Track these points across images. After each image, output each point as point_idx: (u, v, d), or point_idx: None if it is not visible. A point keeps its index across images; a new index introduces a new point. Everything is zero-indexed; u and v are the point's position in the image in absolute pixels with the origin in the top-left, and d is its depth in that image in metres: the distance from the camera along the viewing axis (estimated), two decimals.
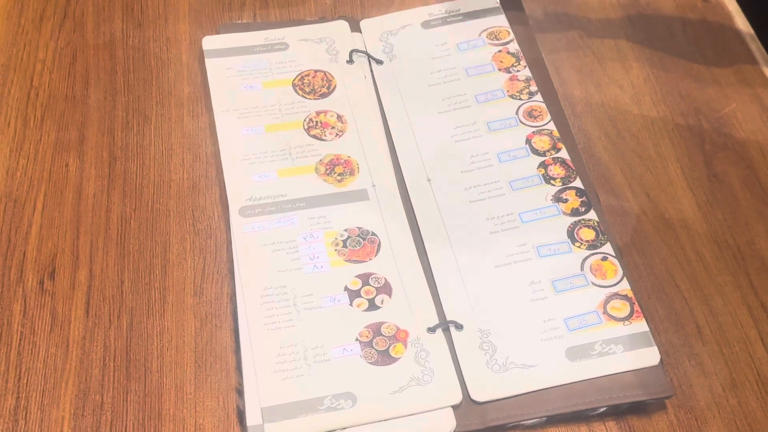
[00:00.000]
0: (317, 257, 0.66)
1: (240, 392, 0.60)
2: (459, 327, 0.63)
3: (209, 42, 0.80)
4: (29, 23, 0.82)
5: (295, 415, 0.58)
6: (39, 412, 0.59)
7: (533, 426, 0.60)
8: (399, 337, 0.62)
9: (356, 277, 0.65)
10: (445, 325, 0.63)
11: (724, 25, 0.85)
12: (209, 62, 0.78)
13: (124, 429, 0.58)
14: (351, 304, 0.64)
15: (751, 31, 0.85)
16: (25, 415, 0.58)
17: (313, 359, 0.61)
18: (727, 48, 0.83)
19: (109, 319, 0.63)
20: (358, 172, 0.71)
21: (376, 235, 0.68)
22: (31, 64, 0.78)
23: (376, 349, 0.61)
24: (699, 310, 0.66)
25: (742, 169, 0.74)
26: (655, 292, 0.67)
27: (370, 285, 0.65)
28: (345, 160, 0.72)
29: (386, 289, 0.65)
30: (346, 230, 0.68)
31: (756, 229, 0.70)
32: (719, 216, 0.71)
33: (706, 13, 0.86)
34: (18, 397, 0.59)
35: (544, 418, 0.59)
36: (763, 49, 0.83)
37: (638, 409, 0.61)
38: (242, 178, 0.70)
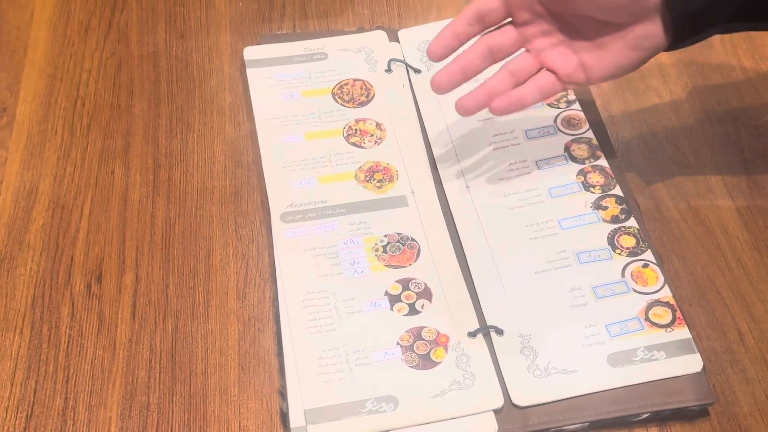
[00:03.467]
0: (358, 262, 0.67)
1: (283, 394, 0.60)
2: (499, 332, 0.63)
3: (250, 52, 0.81)
4: (75, 34, 0.83)
5: (338, 417, 0.59)
6: (87, 413, 0.60)
7: (575, 431, 0.60)
8: (440, 341, 0.63)
9: (396, 282, 0.66)
10: (485, 330, 0.63)
11: (762, 34, 0.85)
12: (250, 72, 0.80)
13: (170, 430, 0.59)
14: (392, 309, 0.64)
15: None
16: (73, 415, 0.60)
17: (354, 362, 0.61)
18: (765, 57, 0.83)
19: (155, 322, 0.64)
20: (397, 178, 0.72)
21: (416, 241, 0.68)
22: (77, 74, 0.80)
23: (417, 353, 0.62)
24: (741, 317, 0.66)
25: None
26: (696, 299, 0.67)
27: (410, 290, 0.65)
28: (384, 167, 0.73)
29: (426, 294, 0.65)
30: (385, 236, 0.68)
31: None
32: (760, 223, 0.71)
33: None
34: (66, 398, 0.60)
35: (587, 424, 0.59)
36: None
37: (681, 415, 0.61)
38: (283, 184, 0.71)
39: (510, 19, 0.65)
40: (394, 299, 0.65)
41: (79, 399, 0.60)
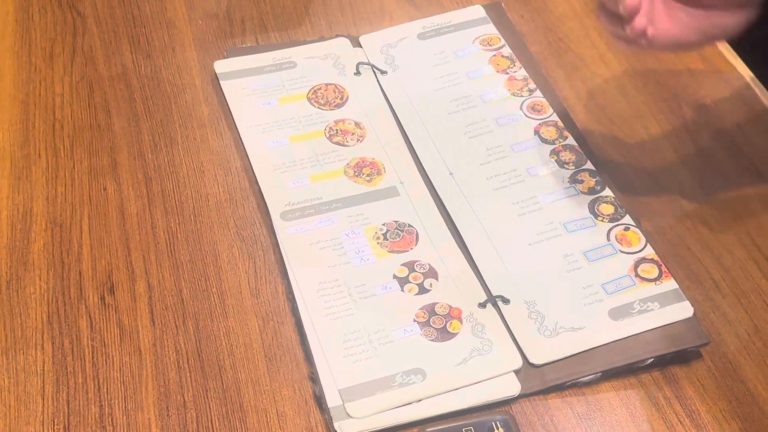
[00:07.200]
0: (362, 251, 0.70)
1: (314, 379, 0.62)
2: (506, 301, 0.67)
3: (221, 65, 0.83)
4: (40, 61, 0.84)
5: (372, 393, 0.61)
6: (125, 417, 0.60)
7: (589, 382, 0.64)
8: (453, 314, 0.66)
9: (402, 265, 0.69)
10: (493, 300, 0.67)
11: None
12: (224, 84, 0.82)
13: (210, 423, 0.60)
14: (402, 290, 0.68)
15: None
16: (111, 421, 0.60)
17: (377, 342, 0.64)
18: None
19: (176, 325, 0.65)
20: (385, 171, 0.76)
21: (413, 227, 0.72)
22: (50, 98, 0.80)
23: (434, 327, 0.65)
24: (713, 267, 0.72)
25: (725, 143, 0.81)
26: (671, 256, 0.72)
27: (416, 271, 0.69)
28: (370, 162, 0.76)
29: (432, 273, 0.69)
30: (384, 224, 0.72)
31: (748, 193, 0.77)
32: (714, 185, 0.78)
33: None
34: (101, 405, 0.61)
35: (599, 374, 0.64)
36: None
37: (678, 358, 0.66)
38: (278, 185, 0.74)
39: None
40: (402, 281, 0.68)
41: (115, 405, 0.61)
